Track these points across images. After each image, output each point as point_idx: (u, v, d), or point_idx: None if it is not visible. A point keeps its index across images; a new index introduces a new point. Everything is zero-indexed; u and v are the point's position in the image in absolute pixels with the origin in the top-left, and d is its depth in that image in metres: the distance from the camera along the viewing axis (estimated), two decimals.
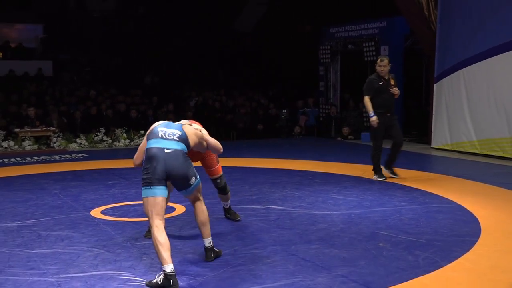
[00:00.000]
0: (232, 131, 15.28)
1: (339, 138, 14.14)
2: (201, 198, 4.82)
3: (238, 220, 6.10)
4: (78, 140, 12.95)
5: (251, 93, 17.99)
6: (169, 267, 4.11)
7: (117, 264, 4.75)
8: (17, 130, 12.83)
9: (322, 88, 16.08)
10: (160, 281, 4.12)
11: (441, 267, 4.59)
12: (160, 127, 4.67)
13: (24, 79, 17.57)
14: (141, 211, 6.40)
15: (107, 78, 18.43)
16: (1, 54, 19.97)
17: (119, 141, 13.18)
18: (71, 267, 4.66)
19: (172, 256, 4.23)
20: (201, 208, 4.82)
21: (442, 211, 6.47)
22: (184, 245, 5.23)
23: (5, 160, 10.94)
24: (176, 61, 20.10)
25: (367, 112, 8.64)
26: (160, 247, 4.18)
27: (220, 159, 5.91)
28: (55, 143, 12.76)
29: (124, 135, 13.26)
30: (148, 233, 5.42)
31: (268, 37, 20.27)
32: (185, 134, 4.67)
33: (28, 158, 11.18)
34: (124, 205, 6.88)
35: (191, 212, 6.46)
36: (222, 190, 6.05)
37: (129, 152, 9.99)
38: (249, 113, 15.82)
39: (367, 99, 8.24)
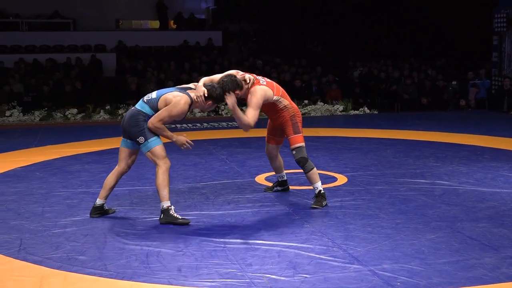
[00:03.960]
0: (396, 103, 14.94)
1: None
2: (159, 162, 4.99)
3: (316, 207, 5.49)
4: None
5: (418, 64, 17.42)
6: (99, 201, 5.26)
7: (279, 230, 4.88)
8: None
9: (496, 59, 15.16)
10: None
11: None
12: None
13: (196, 48, 18.42)
14: (304, 179, 6.53)
15: (272, 48, 18.76)
16: (175, 25, 21.09)
17: None
18: (236, 230, 4.87)
19: (335, 226, 4.23)
20: (157, 173, 5.01)
21: None
22: (345, 216, 5.24)
23: (178, 125, 11.61)
24: (341, 31, 19.95)
25: None
26: (104, 184, 5.26)
27: (384, 130, 5.79)
28: (223, 110, 13.29)
29: None
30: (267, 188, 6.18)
31: (437, 4, 19.41)
32: (157, 98, 5.05)
33: (198, 124, 11.76)
34: (287, 173, 7.00)
35: (353, 182, 6.48)
36: (299, 165, 5.53)
37: None
38: (415, 84, 15.33)
39: None
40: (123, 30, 20.64)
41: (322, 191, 5.59)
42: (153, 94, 5.13)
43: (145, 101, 5.10)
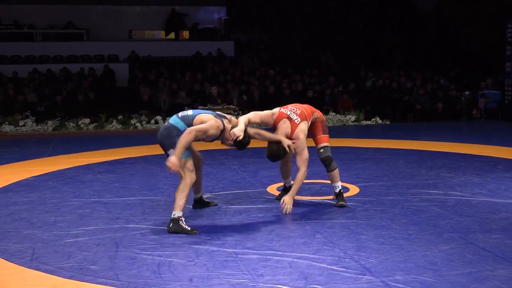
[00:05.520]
0: (408, 113, 14.90)
1: None
2: (185, 176, 5.12)
3: (341, 206, 5.85)
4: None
5: (431, 74, 17.38)
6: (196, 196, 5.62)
7: (291, 240, 4.87)
8: (200, 107, 13.56)
9: (509, 69, 15.10)
10: None
11: None
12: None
13: (208, 59, 18.49)
14: (316, 189, 6.53)
15: (285, 58, 18.80)
16: (188, 35, 21.19)
17: None
18: (247, 240, 4.85)
19: (347, 237, 4.22)
20: (180, 183, 5.14)
21: None
22: (357, 226, 5.22)
23: None
24: (353, 41, 19.95)
25: None
26: None
27: (395, 141, 5.78)
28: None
29: None
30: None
31: (450, 15, 19.38)
32: (193, 116, 5.26)
33: None
34: None
35: (365, 193, 6.46)
36: (324, 163, 5.83)
37: None
38: (428, 94, 15.30)
39: None
40: (135, 41, 20.77)
41: (341, 190, 5.93)
42: (189, 112, 5.34)
43: (180, 117, 5.28)
